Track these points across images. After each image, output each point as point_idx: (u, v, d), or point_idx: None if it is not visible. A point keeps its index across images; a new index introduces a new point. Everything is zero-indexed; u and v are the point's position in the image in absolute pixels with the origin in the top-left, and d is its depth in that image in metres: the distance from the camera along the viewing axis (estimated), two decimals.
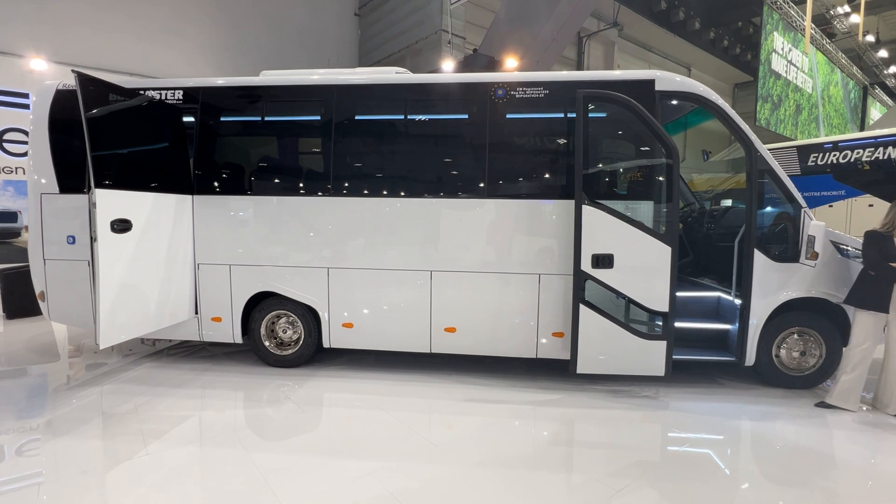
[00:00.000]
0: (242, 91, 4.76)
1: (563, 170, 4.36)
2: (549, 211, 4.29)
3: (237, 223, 4.72)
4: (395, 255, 4.52)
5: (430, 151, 4.66)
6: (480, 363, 4.83)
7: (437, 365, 4.87)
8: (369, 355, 5.09)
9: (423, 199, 4.46)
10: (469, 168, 4.48)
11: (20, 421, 3.67)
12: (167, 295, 4.44)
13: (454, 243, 4.45)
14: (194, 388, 4.37)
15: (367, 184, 4.64)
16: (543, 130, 4.50)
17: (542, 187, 4.45)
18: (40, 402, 4.10)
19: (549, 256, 4.31)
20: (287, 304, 4.77)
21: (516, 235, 4.36)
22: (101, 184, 3.66)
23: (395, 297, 4.55)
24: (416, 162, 4.65)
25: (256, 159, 4.94)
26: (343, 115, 4.59)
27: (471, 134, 4.48)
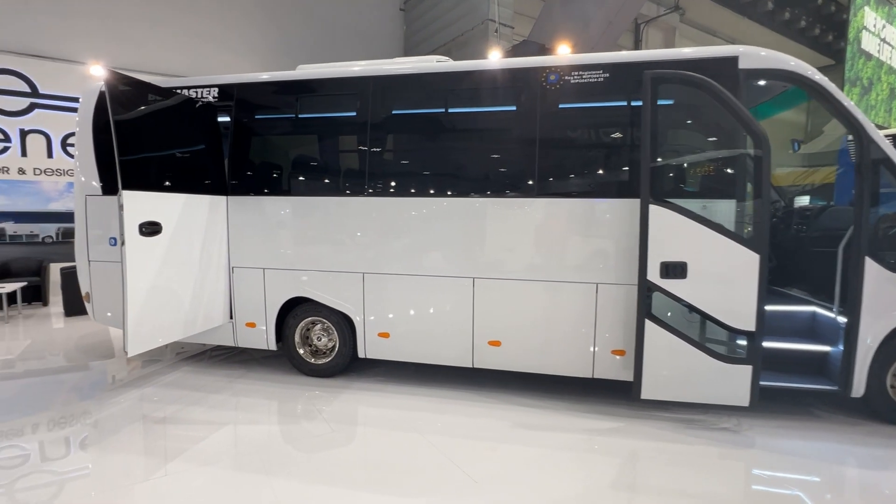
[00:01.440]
0: (277, 86, 4.54)
1: (627, 164, 3.81)
2: (608, 211, 3.75)
3: (270, 225, 4.51)
4: (435, 259, 4.13)
5: (473, 146, 4.23)
6: (529, 381, 4.35)
7: (481, 381, 4.44)
8: (407, 367, 4.74)
9: (465, 199, 4.05)
10: (517, 163, 4.02)
11: (52, 429, 3.61)
12: (200, 299, 4.29)
13: (500, 247, 4.01)
14: (227, 395, 4.20)
15: (404, 182, 4.27)
16: (603, 119, 3.95)
17: (602, 184, 3.91)
18: (81, 405, 4.05)
19: (609, 263, 3.77)
20: (321, 311, 4.51)
21: (570, 239, 3.85)
22: (130, 185, 3.52)
23: (434, 305, 4.17)
24: (457, 158, 4.24)
25: (291, 158, 4.71)
26: (380, 109, 4.26)
27: (519, 125, 4.01)
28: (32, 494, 2.77)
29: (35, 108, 8.34)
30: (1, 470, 3.01)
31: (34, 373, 5.00)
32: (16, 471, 3.01)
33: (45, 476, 2.96)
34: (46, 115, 8.38)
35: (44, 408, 3.93)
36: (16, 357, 5.51)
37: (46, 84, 8.34)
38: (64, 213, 8.54)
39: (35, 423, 3.66)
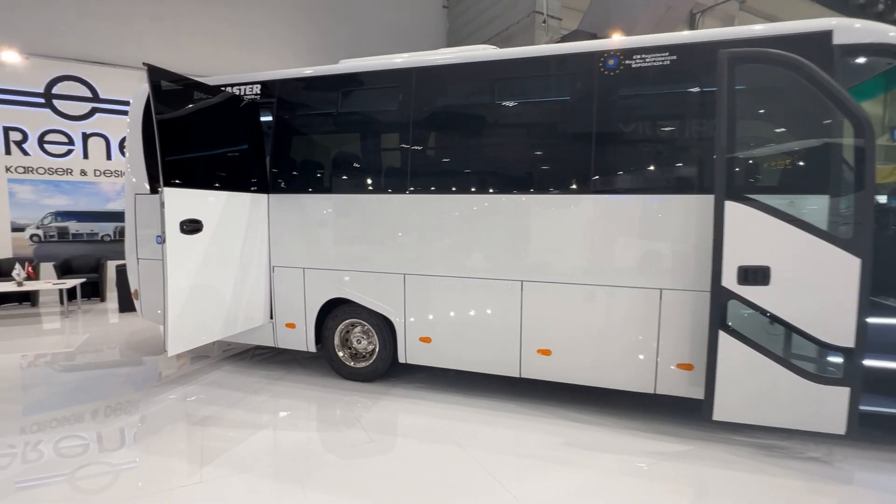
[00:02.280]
0: (319, 81, 4.42)
1: (698, 157, 3.41)
2: (676, 209, 3.37)
3: (311, 224, 4.39)
4: (480, 261, 3.87)
5: (523, 139, 3.94)
6: (582, 395, 4.00)
7: (529, 392, 4.13)
8: (449, 374, 4.50)
9: (513, 196, 3.77)
10: (571, 157, 3.69)
11: (100, 422, 3.61)
12: (240, 299, 4.23)
13: (551, 248, 3.69)
14: (266, 397, 4.11)
15: (448, 179, 4.04)
16: (669, 107, 3.55)
17: (668, 179, 3.51)
18: (129, 399, 4.06)
19: (676, 267, 3.38)
20: (361, 313, 4.35)
21: (631, 240, 3.49)
22: (172, 182, 3.47)
23: (479, 310, 3.91)
24: (506, 152, 3.96)
25: (332, 154, 4.57)
26: (424, 102, 4.05)
27: (574, 116, 3.68)
28: (75, 487, 2.73)
29: (96, 112, 8.73)
30: (61, 458, 3.02)
31: (92, 366, 5.16)
32: (71, 461, 3.00)
33: (81, 474, 2.94)
34: (106, 118, 8.75)
35: (96, 400, 3.97)
36: (75, 350, 5.74)
37: (106, 89, 8.71)
38: (120, 213, 8.87)
39: (85, 417, 3.68)
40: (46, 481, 2.85)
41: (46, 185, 8.49)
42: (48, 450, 3.21)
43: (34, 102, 8.32)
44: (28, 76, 8.24)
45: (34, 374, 4.87)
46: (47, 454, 3.16)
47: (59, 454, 3.17)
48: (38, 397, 4.18)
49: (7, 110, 8.17)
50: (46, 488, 2.78)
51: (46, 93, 8.38)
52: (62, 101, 8.49)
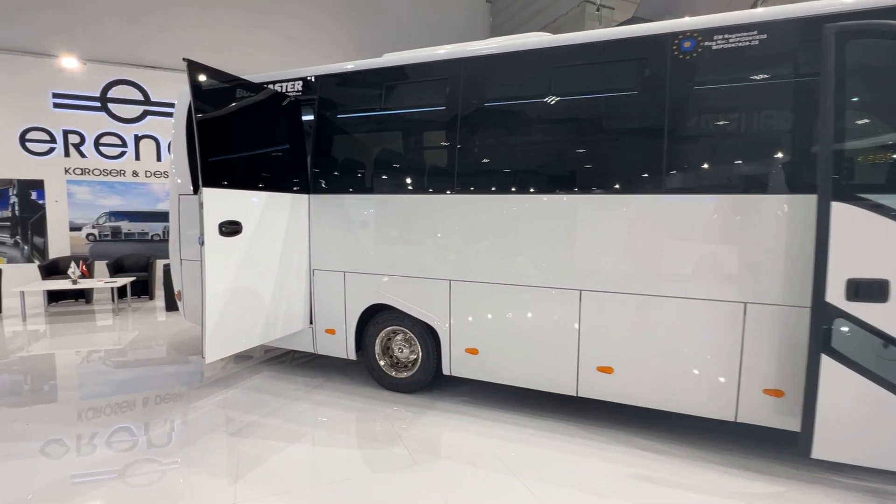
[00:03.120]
0: (361, 76, 4.20)
1: (794, 150, 2.94)
2: (767, 211, 2.92)
3: (352, 225, 4.19)
4: (534, 267, 3.53)
5: (582, 134, 3.56)
6: (649, 418, 3.59)
7: (588, 413, 3.76)
8: (497, 388, 4.17)
9: (572, 196, 3.41)
10: (640, 153, 3.29)
11: (139, 429, 3.53)
12: (280, 303, 4.07)
13: (615, 254, 3.31)
14: (305, 405, 3.93)
15: (500, 177, 3.72)
16: (757, 94, 3.08)
17: (756, 177, 3.04)
18: (169, 405, 4.00)
19: (764, 278, 2.93)
20: (404, 320, 4.10)
21: (711, 246, 3.06)
22: (211, 182, 3.33)
23: (531, 320, 3.57)
24: (564, 148, 3.60)
25: (375, 152, 4.34)
26: (473, 94, 3.75)
27: (643, 107, 3.28)
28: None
29: (147, 114, 8.96)
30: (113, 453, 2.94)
31: (140, 363, 5.24)
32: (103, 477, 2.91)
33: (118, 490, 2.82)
34: (156, 121, 8.97)
35: (139, 401, 3.93)
36: (124, 347, 5.85)
37: (157, 92, 8.92)
38: (168, 213, 9.10)
39: (126, 420, 3.62)
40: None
41: (101, 186, 8.79)
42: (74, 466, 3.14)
43: (91, 106, 8.62)
44: (85, 81, 8.54)
45: (87, 370, 4.93)
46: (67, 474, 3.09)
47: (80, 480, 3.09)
48: (87, 396, 4.18)
49: (67, 114, 8.50)
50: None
51: (102, 96, 8.66)
52: (116, 104, 8.76)
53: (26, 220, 8.46)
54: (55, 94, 8.41)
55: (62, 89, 8.44)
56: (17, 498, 2.67)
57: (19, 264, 8.40)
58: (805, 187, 2.76)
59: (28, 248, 8.52)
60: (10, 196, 8.38)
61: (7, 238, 8.42)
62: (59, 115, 8.45)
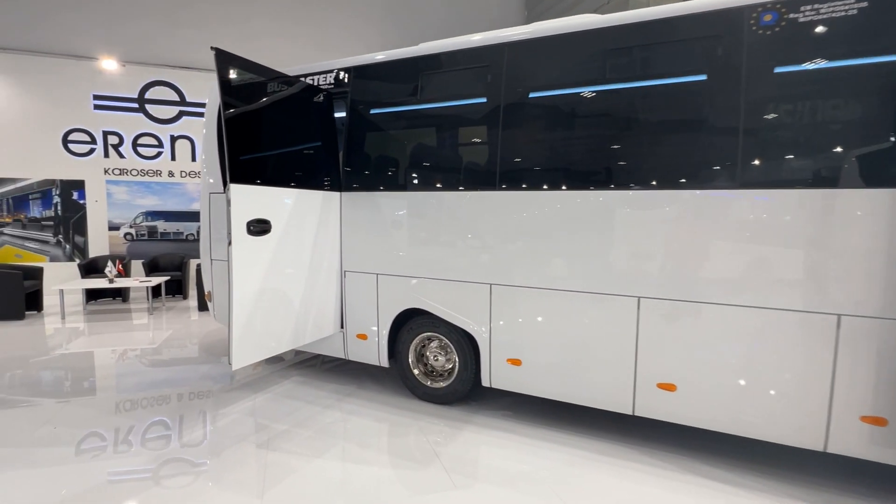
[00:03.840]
0: (395, 66, 3.95)
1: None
2: (864, 208, 2.50)
3: (385, 225, 3.94)
4: (585, 270, 3.19)
5: (643, 124, 3.19)
6: (722, 443, 3.19)
7: (648, 435, 3.39)
8: (544, 402, 3.82)
9: (629, 193, 3.06)
10: (711, 145, 2.91)
11: (165, 441, 3.39)
12: (310, 307, 3.87)
13: (678, 257, 2.94)
14: (336, 415, 3.71)
15: (547, 172, 3.40)
16: (857, 73, 2.65)
17: (853, 168, 2.61)
18: (200, 408, 3.86)
19: (863, 285, 2.51)
20: (440, 327, 3.83)
21: (797, 249, 2.66)
22: (239, 178, 3.14)
23: (582, 330, 3.24)
24: (621, 140, 3.24)
25: (412, 146, 4.08)
26: (517, 83, 3.44)
27: (715, 92, 2.90)
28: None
29: (183, 115, 9.03)
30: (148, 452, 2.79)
31: (172, 362, 5.19)
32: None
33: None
34: (191, 121, 9.02)
35: (167, 409, 3.81)
36: (157, 346, 5.84)
37: (192, 92, 8.98)
38: None
39: (153, 428, 3.49)
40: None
41: (138, 186, 8.90)
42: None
43: (129, 107, 8.74)
44: (124, 82, 8.67)
45: (123, 368, 4.88)
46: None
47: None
48: (119, 397, 4.09)
49: (106, 115, 8.64)
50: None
51: (140, 97, 8.77)
52: (153, 105, 8.86)
53: (68, 219, 8.65)
54: (96, 96, 8.56)
55: (102, 91, 8.58)
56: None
57: (61, 263, 8.59)
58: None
59: (69, 246, 8.70)
60: (54, 196, 8.58)
61: (50, 237, 8.63)
62: (99, 116, 8.61)
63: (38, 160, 8.40)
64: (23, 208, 8.49)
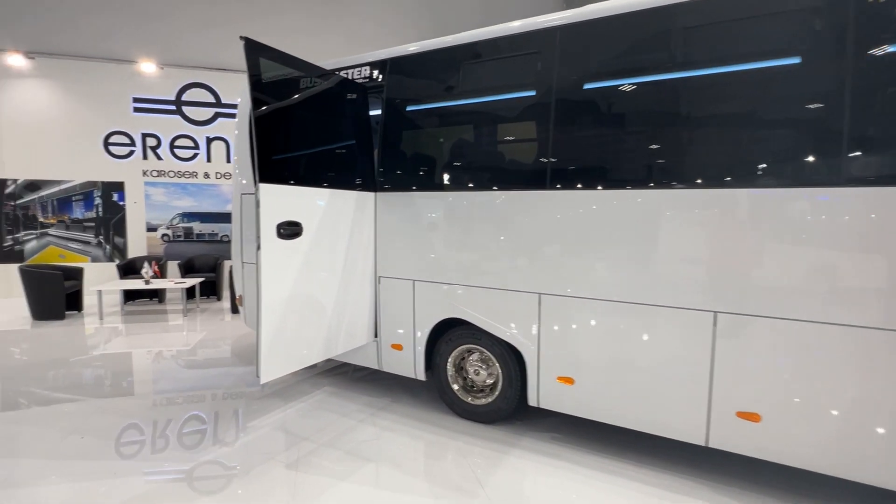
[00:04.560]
0: (435, 57, 3.67)
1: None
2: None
3: (423, 227, 3.66)
4: (651, 280, 2.81)
5: (722, 112, 2.78)
6: (814, 484, 2.74)
7: (724, 470, 2.97)
8: (599, 425, 3.42)
9: (705, 191, 2.66)
10: (806, 134, 2.49)
11: (196, 450, 3.21)
12: (342, 315, 3.63)
13: (765, 266, 2.52)
14: (369, 433, 3.45)
15: (607, 168, 3.04)
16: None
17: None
18: (225, 420, 3.70)
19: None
20: (481, 338, 3.51)
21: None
22: (268, 178, 2.92)
23: (647, 347, 2.85)
24: (695, 132, 2.84)
25: (453, 143, 3.78)
26: (571, 69, 3.09)
27: (811, 70, 2.47)
28: None
29: (218, 117, 9.05)
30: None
31: (205, 364, 5.14)
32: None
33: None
34: (226, 122, 9.03)
35: (200, 419, 3.64)
36: (192, 348, 5.82)
37: (227, 94, 8.99)
38: None
39: (177, 448, 3.32)
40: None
41: (175, 188, 8.97)
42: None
43: (167, 109, 8.82)
44: (162, 85, 8.75)
45: (158, 369, 4.79)
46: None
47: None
48: (147, 404, 3.97)
49: (145, 118, 8.75)
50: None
51: (177, 100, 8.84)
52: (189, 107, 8.91)
53: (108, 220, 8.80)
54: (135, 99, 8.68)
55: (141, 94, 8.69)
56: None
57: (101, 263, 8.74)
58: None
59: (109, 247, 8.85)
60: (95, 198, 8.74)
61: (91, 238, 8.79)
62: (138, 118, 8.72)
63: (81, 162, 8.57)
64: (66, 210, 8.69)
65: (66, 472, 2.93)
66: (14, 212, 8.49)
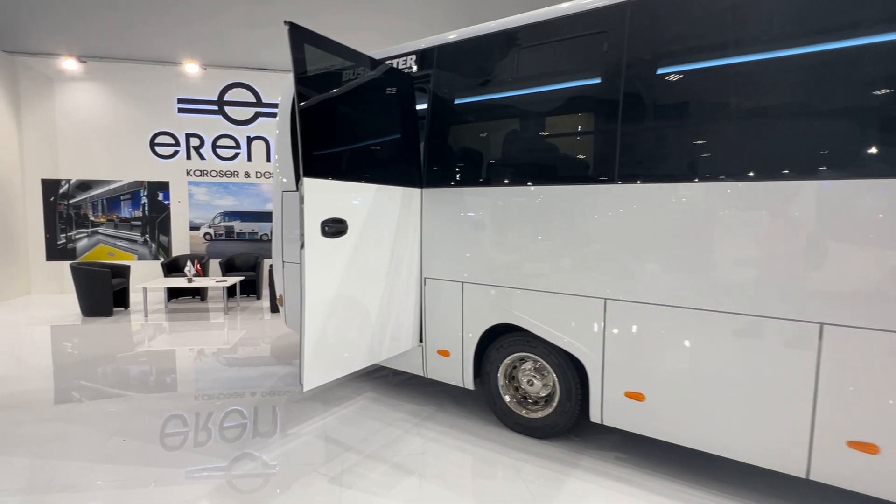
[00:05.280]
0: (486, 42, 3.41)
1: None
2: None
3: (473, 225, 3.41)
4: (741, 286, 2.46)
5: (831, 92, 2.40)
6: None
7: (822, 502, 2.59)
8: (668, 444, 3.08)
9: (809, 183, 2.29)
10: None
11: (236, 460, 3.07)
12: (387, 318, 3.42)
13: (880, 272, 2.14)
14: (415, 446, 3.22)
15: (686, 158, 2.69)
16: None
17: None
18: (267, 424, 3.56)
19: None
20: (537, 346, 3.23)
21: None
22: (314, 172, 2.73)
23: (734, 362, 2.50)
24: (795, 118, 2.46)
25: (507, 133, 3.49)
26: (645, 49, 2.77)
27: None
28: None
29: (259, 116, 9.10)
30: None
31: (248, 362, 5.10)
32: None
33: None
34: (267, 122, 9.07)
35: (240, 420, 3.53)
36: (232, 346, 5.78)
37: (267, 93, 9.02)
38: None
39: (213, 455, 3.20)
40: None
41: (217, 187, 9.08)
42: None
43: (209, 109, 8.93)
44: (205, 85, 8.86)
45: (199, 367, 4.76)
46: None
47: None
48: (185, 406, 3.90)
49: (189, 118, 8.88)
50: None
51: (219, 100, 8.93)
52: (231, 106, 9.00)
53: (154, 219, 8.99)
54: (180, 100, 8.82)
55: (185, 94, 8.82)
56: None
57: (146, 261, 8.93)
58: None
59: (154, 245, 9.04)
60: (142, 197, 8.95)
61: (138, 236, 9.00)
62: (182, 119, 8.86)
63: (129, 162, 8.79)
64: (115, 209, 8.93)
65: (108, 476, 2.84)
66: (67, 211, 8.79)
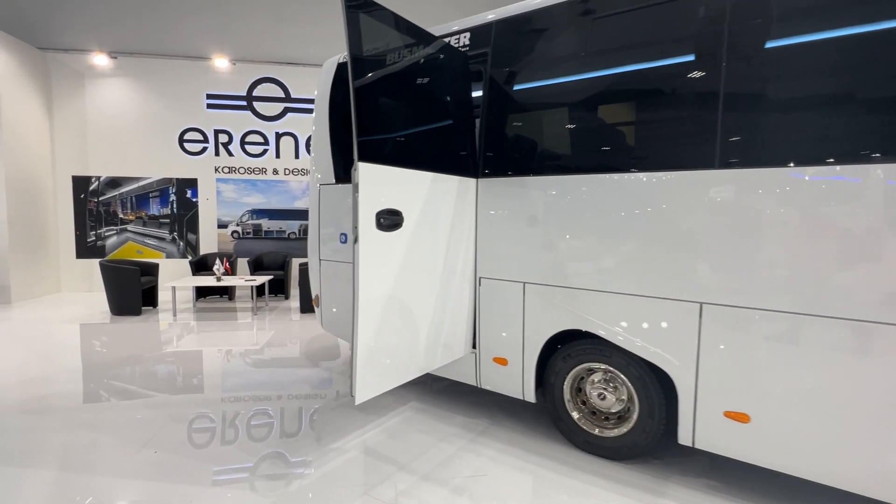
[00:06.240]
0: (554, 15, 3.05)
1: None
2: None
3: (536, 219, 3.05)
4: (868, 288, 2.05)
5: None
6: None
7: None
8: (765, 470, 2.69)
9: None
10: None
11: (264, 479, 2.77)
12: (441, 322, 3.08)
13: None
14: (469, 467, 2.87)
15: (801, 140, 2.28)
16: None
17: None
18: (305, 437, 3.27)
19: None
20: (612, 356, 2.85)
21: None
22: (369, 156, 2.42)
23: (866, 380, 2.09)
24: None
25: (576, 116, 3.09)
26: (749, 15, 2.37)
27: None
28: None
29: (287, 112, 8.90)
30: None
31: (277, 363, 4.95)
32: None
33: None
34: (296, 118, 8.87)
35: (276, 429, 3.24)
36: (260, 347, 5.57)
37: (297, 88, 8.81)
38: (305, 211, 8.95)
39: (251, 464, 2.91)
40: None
41: (245, 184, 8.91)
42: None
43: (238, 105, 8.77)
44: (234, 81, 8.70)
45: (228, 370, 4.51)
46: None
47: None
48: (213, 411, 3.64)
49: (218, 114, 8.73)
50: None
51: (248, 95, 8.77)
52: (260, 102, 8.82)
53: (182, 217, 8.86)
54: (209, 95, 8.68)
55: (214, 90, 8.68)
56: None
57: (175, 259, 8.80)
58: None
59: (182, 243, 8.91)
60: (170, 194, 8.83)
61: (166, 234, 8.89)
62: (211, 115, 8.72)
63: (158, 160, 8.68)
64: (143, 206, 8.83)
65: (140, 494, 2.57)
66: (97, 208, 8.72)
